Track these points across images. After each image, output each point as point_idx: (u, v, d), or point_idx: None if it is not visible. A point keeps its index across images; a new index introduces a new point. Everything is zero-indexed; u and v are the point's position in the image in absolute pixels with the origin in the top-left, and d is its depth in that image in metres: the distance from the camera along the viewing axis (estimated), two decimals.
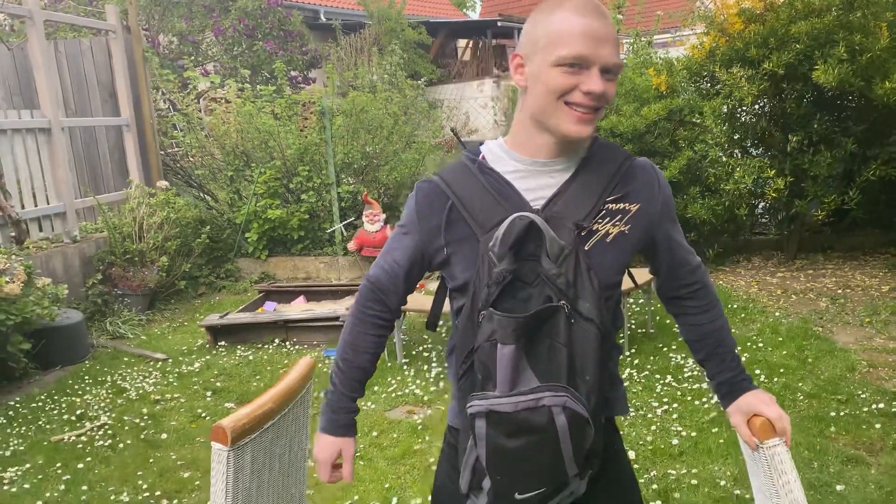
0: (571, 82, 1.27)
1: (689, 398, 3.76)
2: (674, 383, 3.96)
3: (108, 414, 4.12)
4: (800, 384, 3.80)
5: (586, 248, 1.31)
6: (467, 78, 16.30)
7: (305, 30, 11.62)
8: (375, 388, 4.23)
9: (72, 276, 5.79)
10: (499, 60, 17.21)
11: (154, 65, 7.77)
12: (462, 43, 19.34)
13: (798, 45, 5.47)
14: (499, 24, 16.24)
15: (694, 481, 2.96)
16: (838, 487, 2.82)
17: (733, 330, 4.63)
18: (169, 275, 6.37)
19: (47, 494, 3.25)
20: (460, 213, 1.36)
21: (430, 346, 4.91)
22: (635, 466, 3.11)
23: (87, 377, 4.73)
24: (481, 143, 1.46)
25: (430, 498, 1.62)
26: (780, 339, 4.49)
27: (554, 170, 1.37)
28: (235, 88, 7.63)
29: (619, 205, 1.35)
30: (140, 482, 3.32)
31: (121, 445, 3.72)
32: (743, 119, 6.15)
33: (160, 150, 7.55)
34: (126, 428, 3.93)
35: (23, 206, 5.85)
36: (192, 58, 9.16)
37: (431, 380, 4.31)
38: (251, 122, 7.21)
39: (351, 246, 6.96)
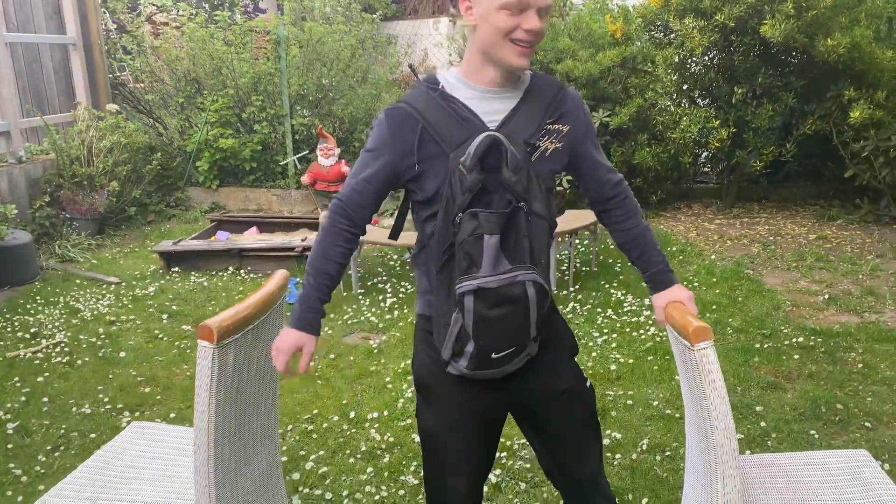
0: (514, 22, 1.51)
1: (627, 329, 4.02)
2: (613, 316, 4.22)
3: (63, 333, 4.15)
4: (730, 320, 4.10)
5: (532, 160, 1.60)
6: (423, 15, 16.07)
7: None
8: (332, 316, 4.36)
9: (18, 198, 5.67)
10: None
11: None
12: None
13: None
14: None
15: (629, 402, 3.22)
16: (757, 408, 3.12)
17: None
18: (119, 200, 6.30)
19: (7, 405, 3.31)
20: (430, 134, 1.58)
21: (384, 278, 5.05)
22: None
23: (38, 297, 4.72)
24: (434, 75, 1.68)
25: (412, 383, 1.81)
26: (714, 279, 4.78)
27: (503, 96, 1.62)
28: (189, 12, 7.42)
29: (555, 126, 1.64)
30: (101, 396, 3.40)
31: (79, 362, 3.78)
32: (692, 69, 6.35)
33: (109, 73, 7.32)
34: (83, 346, 3.98)
35: None
36: None
37: (386, 309, 4.46)
38: (204, 49, 7.06)
39: (304, 179, 6.97)
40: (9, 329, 4.21)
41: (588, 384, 1.83)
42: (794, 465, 1.94)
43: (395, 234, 1.82)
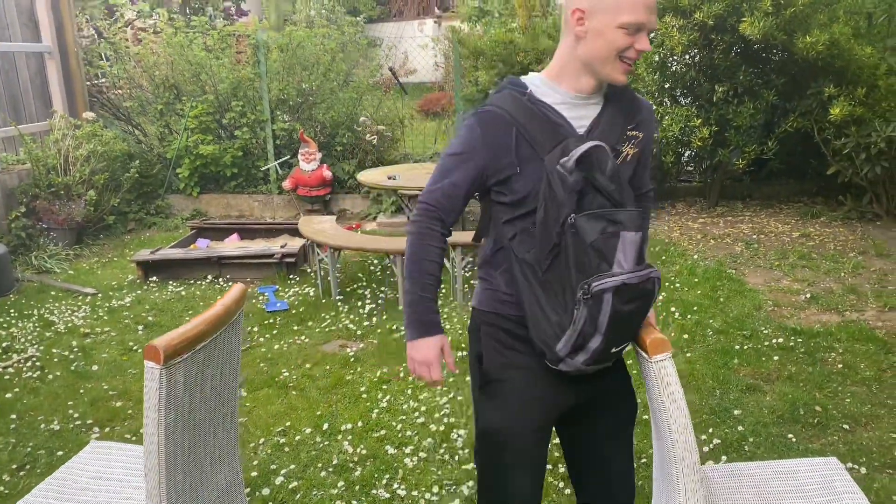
0: (629, 42, 1.58)
1: None
2: None
3: (35, 346, 4.09)
4: (710, 321, 4.07)
5: (619, 165, 1.65)
6: (408, 17, 16.04)
7: None
8: (310, 324, 4.31)
9: None
10: (440, 0, 16.94)
11: None
12: None
13: None
14: None
15: None
16: (735, 412, 3.09)
17: None
18: (97, 209, 6.23)
19: None
20: (523, 137, 1.63)
21: (363, 283, 5.00)
22: None
23: (12, 310, 4.65)
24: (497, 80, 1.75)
25: (475, 382, 1.82)
26: (696, 279, 4.75)
27: (590, 103, 1.69)
28: (166, 17, 7.35)
29: (633, 132, 1.71)
30: (71, 411, 3.34)
31: (50, 377, 3.72)
32: (673, 68, 6.33)
33: (86, 80, 7.25)
34: (55, 360, 3.92)
35: None
36: None
37: (364, 315, 4.41)
38: (182, 54, 6.99)
39: (286, 184, 6.92)
40: None
41: (631, 387, 1.88)
42: (764, 474, 1.91)
43: (478, 237, 1.88)
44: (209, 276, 5.21)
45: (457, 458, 2.84)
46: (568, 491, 2.60)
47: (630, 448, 1.86)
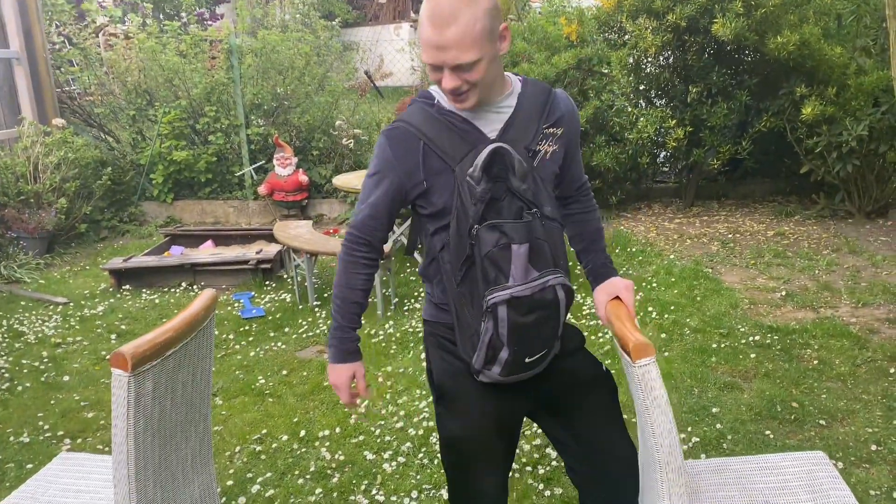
0: (437, 77, 1.58)
1: (586, 333, 3.97)
2: (573, 319, 4.18)
3: (4, 358, 4.00)
4: (688, 320, 4.09)
5: (535, 165, 1.66)
6: (384, 21, 16.01)
7: None
8: (286, 330, 4.27)
9: None
10: (416, 4, 16.94)
11: None
12: None
13: None
14: None
15: None
16: (714, 410, 3.09)
17: (631, 272, 4.90)
18: (68, 217, 6.12)
19: None
20: (432, 150, 1.63)
21: None
22: None
23: None
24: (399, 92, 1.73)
25: (431, 391, 1.84)
26: (673, 279, 4.77)
27: (501, 109, 1.67)
28: (138, 23, 7.26)
29: (551, 129, 1.70)
30: (41, 423, 3.27)
31: (19, 388, 3.63)
32: (647, 70, 6.36)
33: (56, 87, 7.13)
34: (25, 371, 3.83)
35: None
36: None
37: None
38: (155, 59, 6.90)
39: (262, 190, 6.86)
40: None
41: (605, 369, 1.86)
42: (749, 469, 1.90)
43: (410, 250, 1.93)
44: (183, 284, 5.14)
45: (436, 461, 2.82)
46: (548, 493, 2.59)
47: (625, 431, 1.81)
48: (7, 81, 6.71)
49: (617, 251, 5.41)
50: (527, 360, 1.63)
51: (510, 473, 2.49)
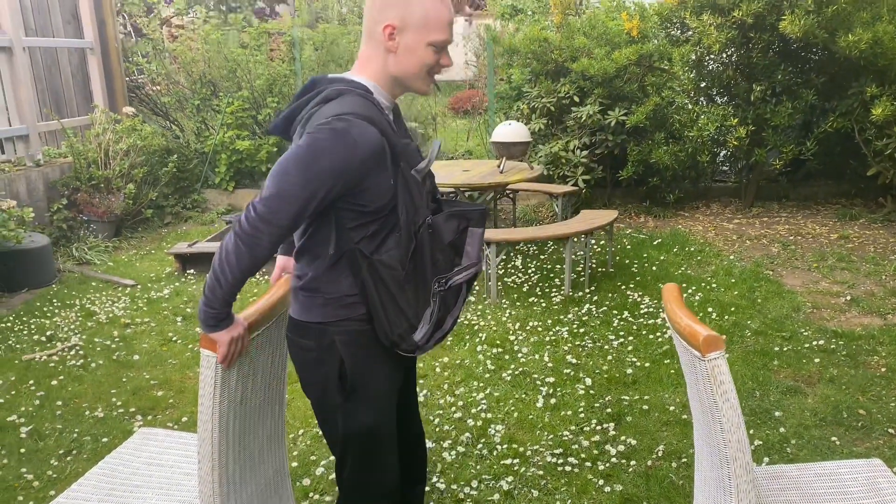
0: (436, 59, 1.69)
1: (644, 332, 3.96)
2: (630, 318, 4.16)
3: (78, 336, 4.17)
4: (748, 322, 4.03)
5: None
6: None
7: None
8: None
9: (36, 201, 5.72)
10: None
11: None
12: None
13: None
14: None
15: (645, 406, 3.17)
16: (776, 414, 3.05)
17: (689, 272, 4.84)
18: (135, 203, 6.33)
19: (22, 409, 3.32)
20: (389, 147, 1.64)
21: None
22: (590, 393, 3.31)
23: (55, 300, 4.75)
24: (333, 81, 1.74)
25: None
26: (733, 280, 4.70)
27: (390, 108, 1.78)
28: (204, 15, 7.45)
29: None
30: (114, 399, 3.41)
31: (93, 365, 3.79)
32: (710, 67, 6.26)
33: (126, 77, 7.37)
34: (98, 349, 3.99)
35: None
36: None
37: None
38: (219, 51, 7.07)
39: None
40: (25, 332, 4.24)
41: None
42: (806, 476, 1.89)
43: (306, 253, 1.76)
44: None
45: (495, 453, 2.85)
46: (608, 489, 2.60)
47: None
48: (80, 70, 6.96)
49: (675, 250, 5.36)
50: (453, 326, 1.83)
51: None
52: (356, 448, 1.82)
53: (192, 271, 5.28)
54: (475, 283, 1.84)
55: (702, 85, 6.38)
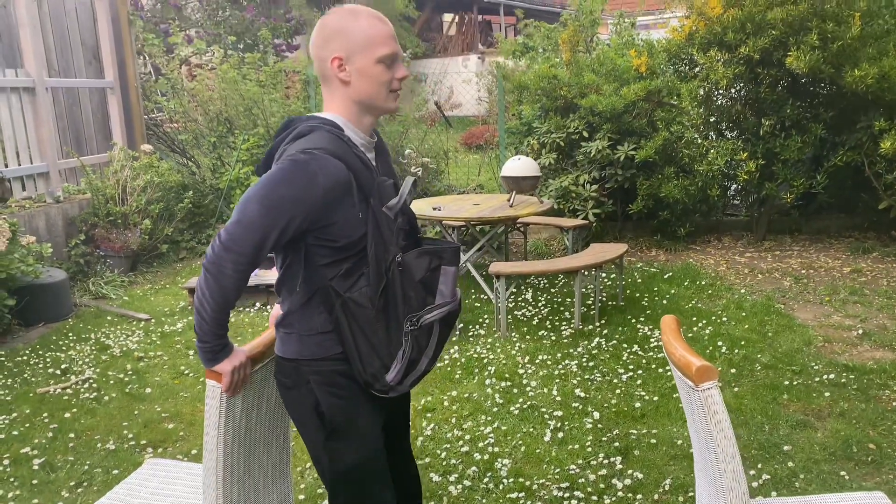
0: (391, 73, 1.71)
1: (653, 366, 3.95)
2: (640, 352, 4.15)
3: (92, 369, 4.23)
4: (759, 356, 4.01)
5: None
6: (452, 53, 16.32)
7: None
8: None
9: (54, 237, 5.84)
10: (484, 36, 17.22)
11: (138, 28, 7.74)
12: (448, 17, 19.30)
13: (773, 31, 5.64)
14: None
15: (653, 440, 3.16)
16: (785, 448, 3.03)
17: (700, 305, 4.83)
18: (151, 238, 6.44)
19: (35, 441, 3.37)
20: (356, 183, 1.66)
21: None
22: (598, 427, 3.30)
23: (70, 334, 4.82)
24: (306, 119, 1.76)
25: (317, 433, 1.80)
26: (744, 314, 4.69)
27: (372, 144, 1.80)
28: (221, 54, 7.65)
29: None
30: (126, 432, 3.45)
31: (106, 398, 3.84)
32: (718, 102, 6.32)
33: (144, 114, 7.56)
34: (111, 382, 4.05)
35: (6, 165, 5.87)
36: (176, 22, 9.11)
37: None
38: (236, 89, 7.24)
39: None
40: (41, 365, 4.31)
41: None
42: None
43: (282, 289, 1.81)
44: (257, 304, 5.33)
45: (501, 487, 2.85)
46: None
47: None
48: (101, 109, 7.15)
49: (685, 284, 5.36)
50: (431, 367, 1.78)
51: (574, 503, 2.54)
52: (349, 487, 1.80)
53: None
54: (458, 323, 1.80)
55: (711, 120, 6.44)
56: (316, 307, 1.71)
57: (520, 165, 5.29)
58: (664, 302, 4.96)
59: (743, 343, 4.20)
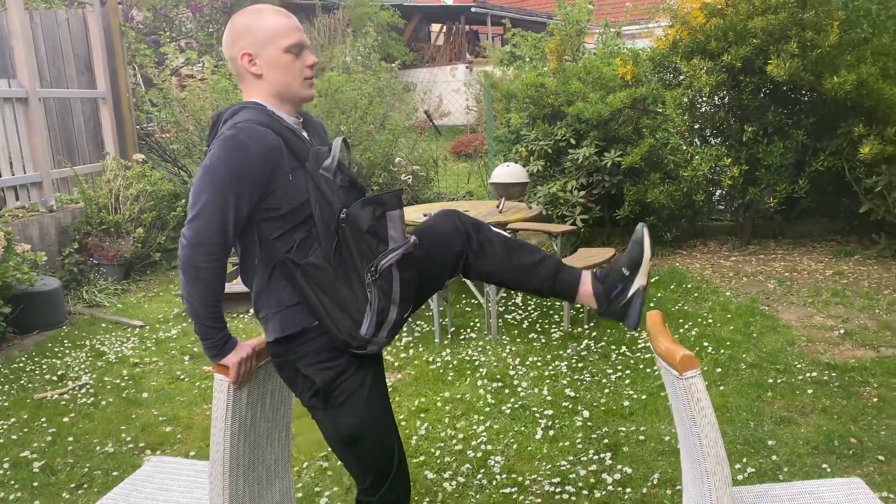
0: (301, 62, 1.82)
1: (641, 366, 4.05)
2: (628, 353, 4.25)
3: (88, 375, 4.28)
4: (744, 356, 4.11)
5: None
6: (440, 62, 16.44)
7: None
8: None
9: (48, 245, 5.88)
10: (472, 46, 17.36)
11: (130, 38, 7.80)
12: (436, 27, 19.44)
13: (755, 40, 5.78)
14: (472, 9, 16.37)
15: (641, 437, 3.25)
16: (769, 442, 3.13)
17: (686, 308, 4.93)
18: (144, 246, 6.49)
19: (34, 445, 3.42)
20: (288, 150, 1.75)
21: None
22: (588, 425, 3.39)
23: (65, 341, 4.86)
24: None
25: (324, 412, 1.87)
26: (729, 315, 4.80)
27: (300, 123, 1.88)
28: (212, 65, 7.71)
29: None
30: (124, 435, 3.50)
31: (103, 403, 3.89)
32: (702, 109, 6.45)
33: (136, 125, 7.60)
34: (107, 387, 4.09)
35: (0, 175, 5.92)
36: (167, 33, 9.18)
37: (402, 347, 4.53)
38: (227, 99, 7.30)
39: None
40: (37, 372, 4.35)
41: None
42: (790, 494, 1.96)
43: (247, 278, 1.89)
44: (250, 310, 5.38)
45: (494, 482, 2.92)
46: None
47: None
48: (92, 119, 7.19)
49: (672, 287, 5.46)
50: (404, 315, 1.82)
51: (565, 496, 2.61)
52: (353, 450, 1.87)
53: None
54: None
55: (695, 126, 6.56)
56: (278, 281, 1.79)
57: (509, 172, 5.39)
58: (651, 305, 5.06)
59: (728, 343, 4.30)
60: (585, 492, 2.82)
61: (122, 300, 5.86)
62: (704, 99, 6.37)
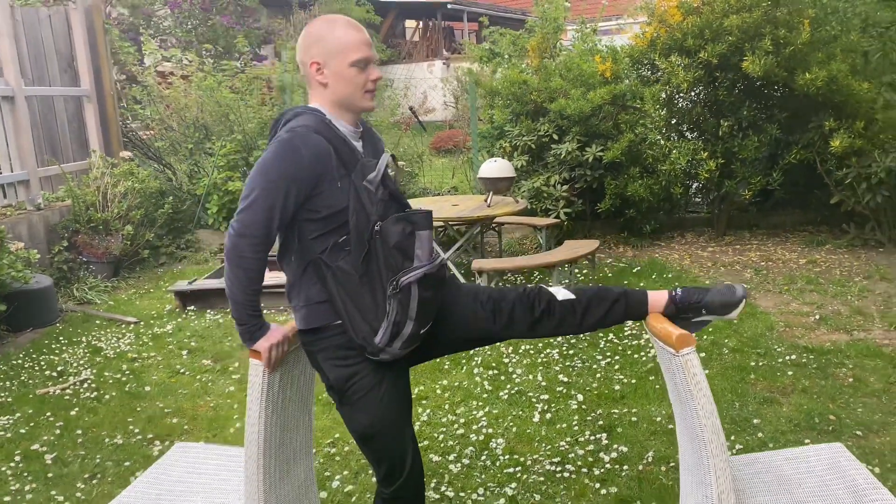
0: (365, 76, 1.92)
1: (629, 352, 4.22)
2: (615, 340, 4.42)
3: (88, 370, 4.33)
4: (725, 341, 4.30)
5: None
6: (417, 59, 16.52)
7: (258, 5, 11.66)
8: None
9: (37, 243, 5.88)
10: (448, 42, 17.46)
11: (113, 36, 7.79)
12: (411, 24, 19.49)
13: (730, 38, 5.99)
14: (449, 6, 16.46)
15: (634, 419, 3.41)
16: (755, 421, 3.31)
17: None
18: (133, 243, 6.51)
19: (43, 438, 3.48)
20: (337, 158, 1.85)
21: None
22: (583, 408, 3.55)
23: (61, 338, 4.89)
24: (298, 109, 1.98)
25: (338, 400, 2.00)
26: None
27: (357, 133, 1.99)
28: (197, 62, 7.74)
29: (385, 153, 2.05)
30: (131, 427, 3.57)
31: (106, 397, 3.95)
32: (680, 105, 6.66)
33: (120, 122, 7.60)
34: (109, 382, 4.15)
35: None
36: (148, 31, 9.17)
37: None
38: (211, 96, 7.35)
39: None
40: (36, 368, 4.39)
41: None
42: (777, 461, 2.13)
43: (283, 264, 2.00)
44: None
45: (497, 463, 3.07)
46: (604, 492, 2.82)
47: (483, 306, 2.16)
48: (76, 117, 7.18)
49: (653, 277, 5.65)
50: (421, 332, 1.90)
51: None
52: (369, 446, 1.99)
53: (192, 307, 5.46)
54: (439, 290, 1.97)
55: (673, 122, 6.77)
56: (310, 278, 1.90)
57: (496, 167, 5.54)
58: None
59: (710, 330, 4.48)
60: (585, 470, 2.98)
61: (112, 297, 5.89)
62: (682, 95, 6.57)
